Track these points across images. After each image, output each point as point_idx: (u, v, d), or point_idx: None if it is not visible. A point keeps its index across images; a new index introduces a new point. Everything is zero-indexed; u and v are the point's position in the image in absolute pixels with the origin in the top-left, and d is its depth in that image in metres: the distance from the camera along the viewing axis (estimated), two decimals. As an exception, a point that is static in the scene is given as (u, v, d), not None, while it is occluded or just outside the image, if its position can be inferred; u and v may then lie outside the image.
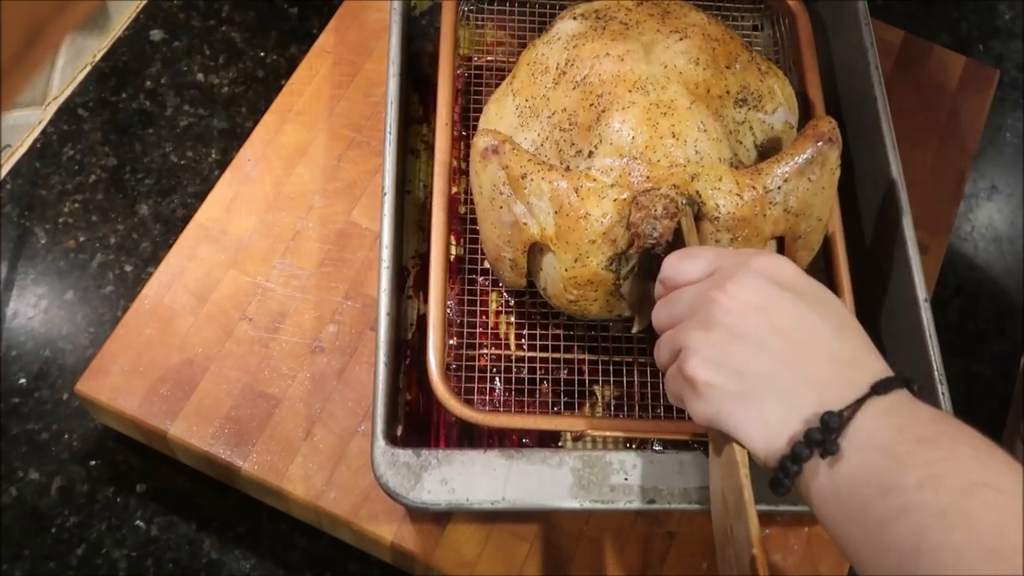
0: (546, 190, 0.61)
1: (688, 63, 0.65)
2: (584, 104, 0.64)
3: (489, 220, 0.64)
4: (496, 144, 0.62)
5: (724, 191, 0.61)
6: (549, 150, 0.65)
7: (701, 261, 0.54)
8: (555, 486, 0.59)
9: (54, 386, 0.72)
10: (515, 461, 0.59)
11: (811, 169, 0.62)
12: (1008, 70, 0.96)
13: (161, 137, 0.82)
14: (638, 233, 0.60)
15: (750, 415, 0.49)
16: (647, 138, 0.62)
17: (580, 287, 0.63)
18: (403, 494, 0.58)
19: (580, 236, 0.61)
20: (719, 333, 0.50)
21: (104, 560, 0.67)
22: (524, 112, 0.68)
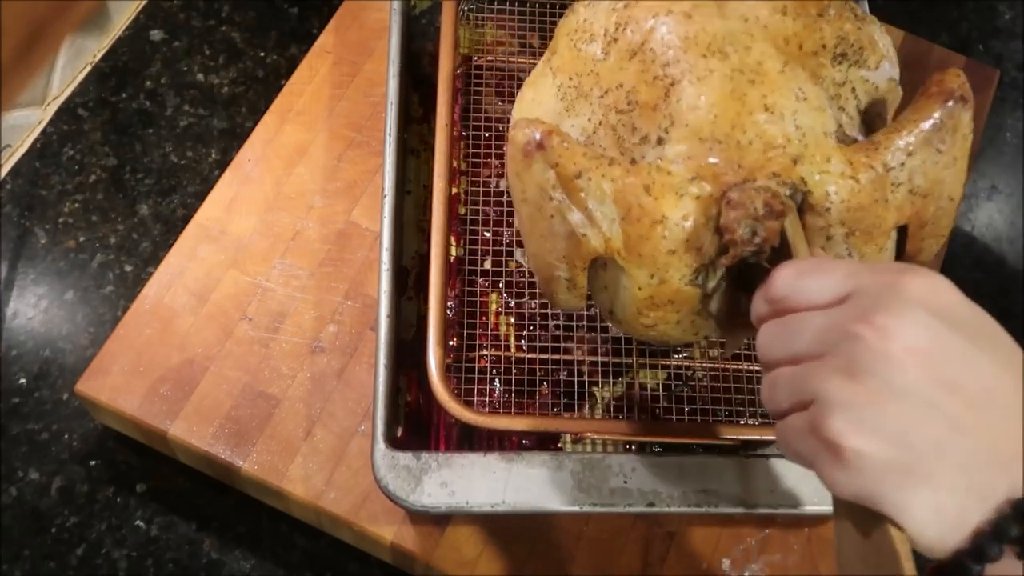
0: (609, 191, 0.49)
1: (773, 13, 0.52)
2: (646, 77, 0.51)
3: (537, 232, 0.51)
4: (540, 137, 0.49)
5: (835, 175, 0.49)
6: (605, 138, 0.52)
7: (831, 279, 0.42)
8: (555, 489, 0.59)
9: (54, 386, 0.72)
10: (515, 464, 0.59)
11: (940, 137, 0.49)
12: (1008, 70, 0.96)
13: (161, 137, 0.82)
14: (734, 240, 0.48)
15: (918, 497, 0.38)
16: (733, 115, 0.49)
17: (659, 308, 0.51)
18: (403, 497, 0.58)
19: (656, 246, 0.49)
20: (872, 386, 0.38)
21: (104, 560, 0.67)
22: (568, 94, 0.55)
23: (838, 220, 0.49)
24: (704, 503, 0.60)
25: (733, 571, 0.66)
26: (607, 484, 0.60)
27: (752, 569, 0.66)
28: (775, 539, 0.67)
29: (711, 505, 0.60)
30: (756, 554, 0.67)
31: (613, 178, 0.49)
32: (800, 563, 0.67)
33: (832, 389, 0.39)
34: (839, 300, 0.41)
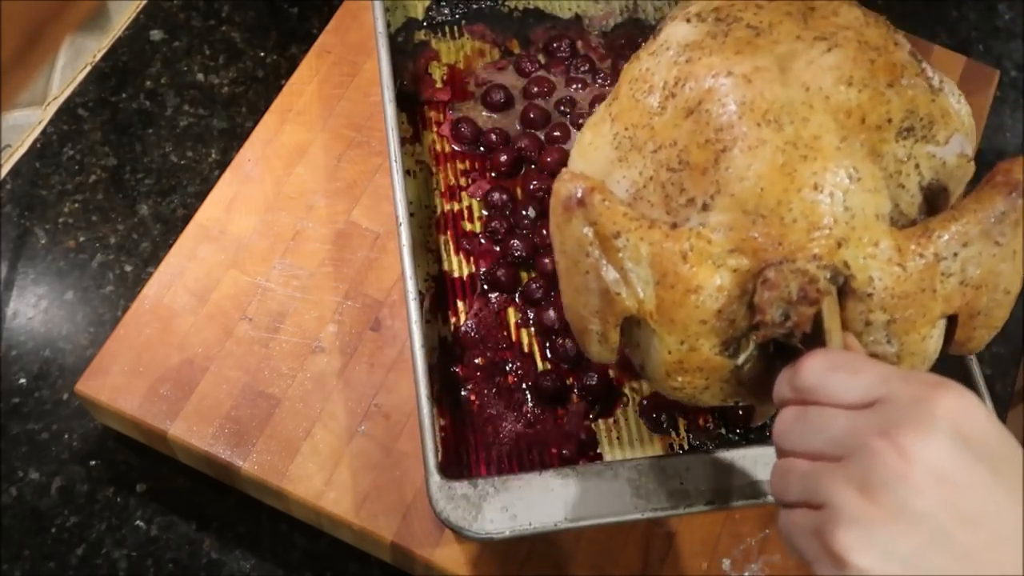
0: (645, 254, 0.49)
1: (838, 84, 0.49)
2: (699, 139, 0.50)
3: (573, 285, 0.52)
4: (582, 194, 0.49)
5: (881, 260, 0.47)
6: (653, 194, 0.52)
7: (861, 380, 0.41)
8: (614, 499, 0.59)
9: (54, 386, 0.72)
10: (571, 479, 0.59)
11: (1000, 230, 0.47)
12: (1008, 70, 0.96)
13: (161, 137, 0.82)
14: (765, 321, 0.47)
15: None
16: (780, 190, 0.48)
17: (687, 373, 0.51)
18: (466, 527, 0.57)
19: (688, 315, 0.49)
20: (887, 507, 0.38)
21: (104, 560, 0.67)
22: (623, 144, 0.54)
23: (880, 306, 0.48)
24: (760, 494, 0.59)
25: (733, 571, 0.66)
26: (664, 488, 0.59)
27: (752, 569, 0.66)
28: (775, 539, 0.67)
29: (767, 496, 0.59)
30: (756, 554, 0.67)
31: (652, 241, 0.49)
32: (800, 563, 0.67)
33: (846, 501, 0.38)
34: (866, 404, 0.40)
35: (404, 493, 0.65)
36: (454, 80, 0.81)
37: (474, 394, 0.69)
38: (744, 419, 0.69)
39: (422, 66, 0.82)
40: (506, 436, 0.68)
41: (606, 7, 0.86)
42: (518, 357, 0.70)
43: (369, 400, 0.68)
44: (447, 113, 0.79)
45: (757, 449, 0.61)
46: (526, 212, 0.74)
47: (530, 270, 0.73)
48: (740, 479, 0.60)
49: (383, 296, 0.72)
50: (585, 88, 0.81)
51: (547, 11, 0.85)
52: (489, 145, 0.78)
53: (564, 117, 0.80)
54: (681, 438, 0.69)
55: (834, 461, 0.40)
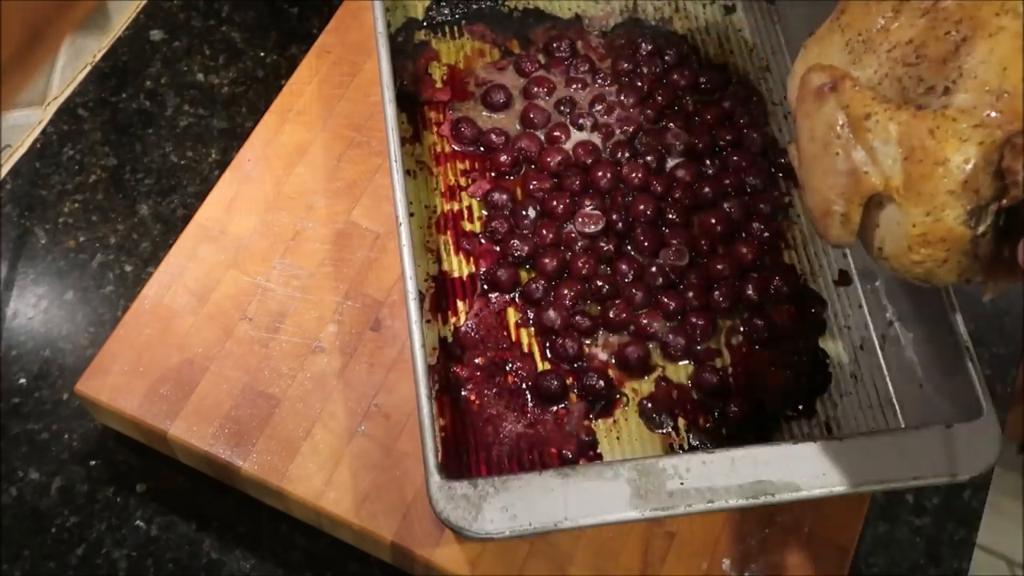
0: (894, 132, 0.52)
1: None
2: (936, 33, 0.54)
3: (820, 168, 0.55)
4: (834, 81, 0.54)
5: None
6: (889, 88, 0.55)
7: None
8: (614, 499, 0.59)
9: (54, 386, 0.72)
10: (571, 479, 0.59)
11: None
12: (1008, 70, 0.96)
13: (161, 137, 0.82)
14: (1016, 180, 0.50)
15: None
16: (1022, 68, 0.50)
17: (930, 245, 0.53)
18: (466, 527, 0.57)
19: (936, 186, 0.52)
20: None
21: (104, 560, 0.67)
22: (856, 48, 0.57)
23: None
24: (761, 494, 0.59)
25: (733, 571, 0.66)
26: (665, 487, 0.59)
27: (752, 569, 0.66)
28: (775, 539, 0.67)
29: (768, 495, 0.59)
30: (756, 554, 0.67)
31: (900, 121, 0.52)
32: (800, 563, 0.67)
33: None
34: None
35: (404, 493, 0.65)
36: (454, 80, 0.81)
37: (474, 394, 0.69)
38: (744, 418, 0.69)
39: (422, 66, 0.82)
40: (506, 436, 0.68)
41: (606, 7, 0.86)
42: (518, 357, 0.70)
43: (369, 400, 0.68)
44: (447, 113, 0.79)
45: (757, 449, 0.61)
46: (526, 212, 0.74)
47: (530, 270, 0.73)
48: (740, 479, 0.60)
49: (383, 296, 0.72)
50: (585, 88, 0.81)
51: (547, 11, 0.85)
52: (489, 145, 0.78)
53: (564, 117, 0.80)
54: (681, 438, 0.69)
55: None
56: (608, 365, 0.71)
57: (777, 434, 0.69)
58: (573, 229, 0.74)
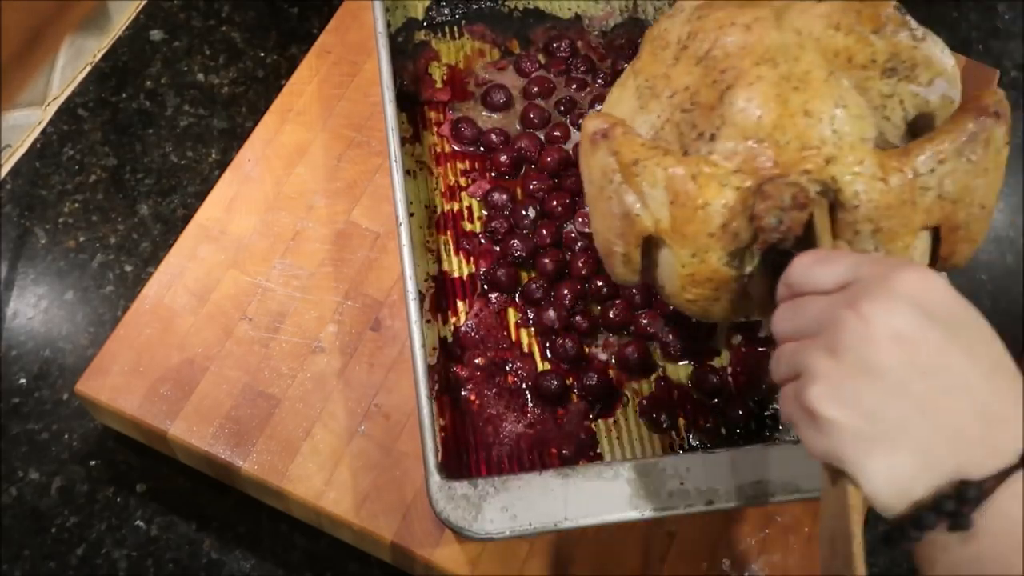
0: (660, 177, 0.55)
1: (827, 28, 0.56)
2: (706, 81, 0.57)
3: (599, 211, 0.58)
4: (606, 128, 0.56)
5: (866, 176, 0.53)
6: (670, 133, 0.58)
7: (836, 268, 0.46)
8: (614, 499, 0.59)
9: (54, 386, 0.72)
10: (571, 479, 0.59)
11: (971, 148, 0.53)
12: (1008, 70, 0.96)
13: (161, 137, 0.82)
14: (762, 227, 0.54)
15: (877, 463, 0.42)
16: (775, 117, 0.54)
17: (699, 285, 0.57)
18: (465, 527, 0.57)
19: (697, 228, 0.55)
20: (849, 363, 0.43)
21: (104, 560, 0.67)
22: (644, 93, 0.60)
23: (866, 217, 0.53)
24: (761, 494, 0.59)
25: (733, 571, 0.66)
26: (664, 487, 0.59)
27: (752, 569, 0.66)
28: (775, 539, 0.67)
29: (767, 495, 0.60)
30: (756, 554, 0.67)
31: (666, 166, 0.55)
32: (800, 563, 0.67)
33: (815, 363, 0.44)
34: (840, 287, 0.45)
35: (404, 493, 0.65)
36: (454, 80, 0.81)
37: (474, 394, 0.69)
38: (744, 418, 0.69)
39: (422, 66, 0.82)
40: (506, 436, 0.68)
41: (606, 7, 0.86)
42: (518, 357, 0.70)
43: (369, 400, 0.68)
44: (447, 113, 0.79)
45: (757, 449, 0.61)
46: (526, 212, 0.74)
47: (530, 270, 0.73)
48: (740, 479, 0.60)
49: (383, 296, 0.72)
50: (585, 88, 0.81)
51: (547, 11, 0.85)
52: (489, 145, 0.78)
53: (564, 117, 0.79)
54: (681, 438, 0.69)
55: (812, 338, 0.45)
56: (608, 365, 0.71)
57: (777, 434, 0.69)
58: (573, 229, 0.74)
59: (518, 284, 0.73)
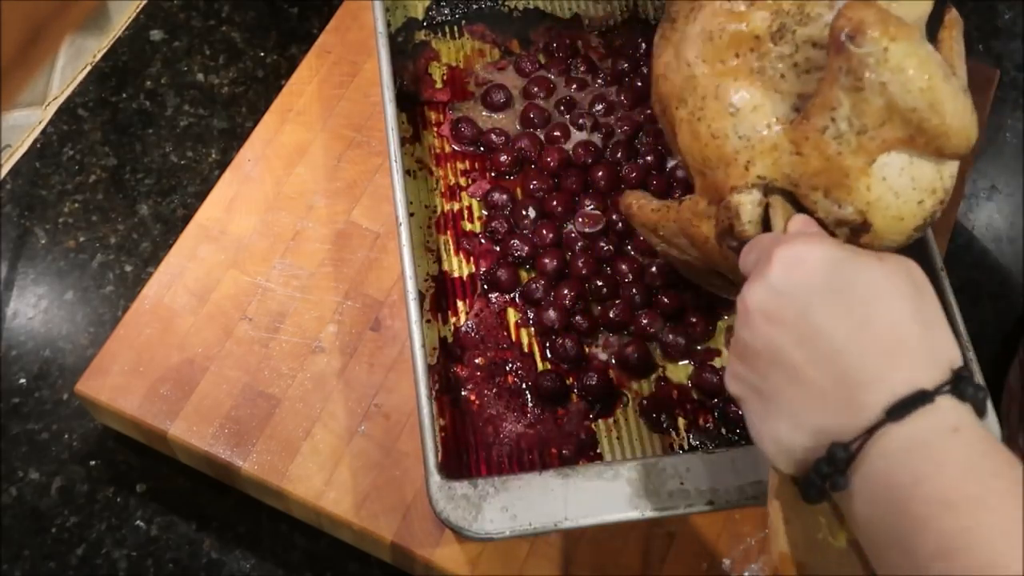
0: (676, 229, 0.63)
1: (705, 43, 0.58)
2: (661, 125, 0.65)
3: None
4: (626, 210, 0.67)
5: (784, 159, 0.55)
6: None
7: (751, 256, 0.52)
8: (614, 499, 0.59)
9: (54, 386, 0.72)
10: (571, 479, 0.59)
11: (853, 80, 0.51)
12: (1008, 70, 0.96)
13: (161, 137, 0.82)
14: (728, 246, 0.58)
15: (764, 431, 0.47)
16: (699, 150, 0.58)
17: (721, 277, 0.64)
18: (465, 527, 0.57)
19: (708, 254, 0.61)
20: (738, 347, 0.48)
21: (104, 560, 0.67)
22: None
23: (810, 188, 0.55)
24: (761, 494, 0.59)
25: (733, 571, 0.66)
26: (665, 487, 0.59)
27: (752, 569, 0.66)
28: (775, 539, 0.67)
29: None
30: (756, 554, 0.67)
31: (673, 219, 0.63)
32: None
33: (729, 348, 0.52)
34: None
35: (404, 493, 0.65)
36: (454, 80, 0.81)
37: (474, 394, 0.69)
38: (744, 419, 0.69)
39: (422, 66, 0.82)
40: (506, 436, 0.68)
41: (606, 7, 0.86)
42: (518, 357, 0.70)
43: (369, 400, 0.68)
44: (447, 113, 0.79)
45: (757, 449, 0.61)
46: (526, 212, 0.74)
47: (530, 270, 0.73)
48: (740, 479, 0.60)
49: (383, 296, 0.72)
50: (585, 88, 0.81)
51: (547, 11, 0.85)
52: (489, 145, 0.78)
53: (564, 117, 0.79)
54: (681, 438, 0.69)
55: None
56: (608, 365, 0.71)
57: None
58: (573, 229, 0.74)
59: (518, 284, 0.73)
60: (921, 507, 0.39)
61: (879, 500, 0.41)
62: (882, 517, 0.41)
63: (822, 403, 0.44)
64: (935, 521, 0.39)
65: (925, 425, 0.41)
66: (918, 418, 0.41)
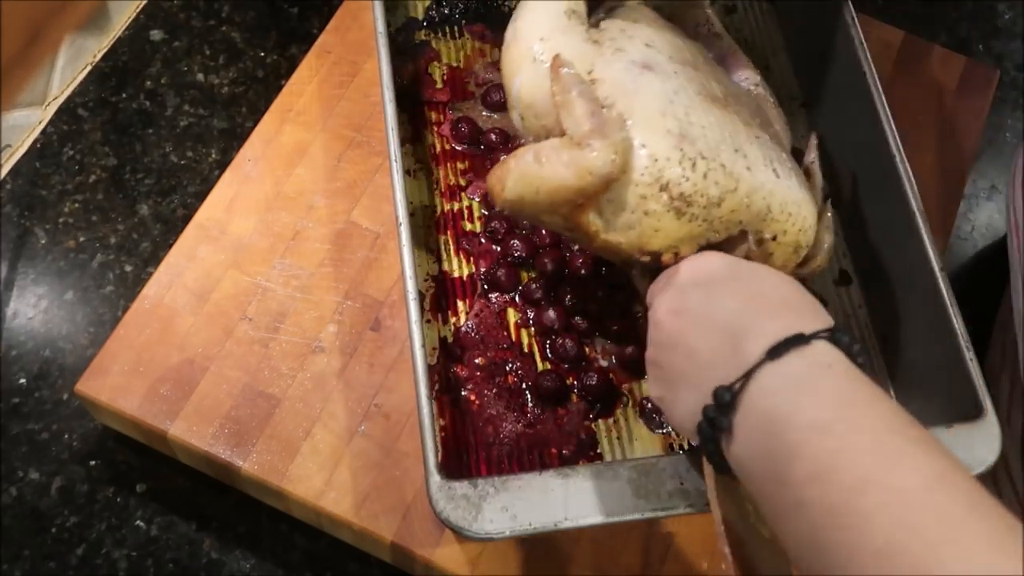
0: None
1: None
2: None
3: None
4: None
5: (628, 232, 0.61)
6: None
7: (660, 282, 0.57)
8: (614, 499, 0.59)
9: (54, 386, 0.72)
10: (571, 479, 0.59)
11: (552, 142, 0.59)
12: (1008, 70, 0.96)
13: (161, 137, 0.82)
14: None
15: (674, 411, 0.52)
16: None
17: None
18: (465, 527, 0.57)
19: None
20: (651, 350, 0.54)
21: (104, 560, 0.67)
22: None
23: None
24: None
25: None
26: (664, 488, 0.59)
27: (752, 569, 0.66)
28: (775, 539, 0.67)
29: None
30: (756, 554, 0.67)
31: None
32: (800, 563, 0.67)
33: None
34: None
35: (404, 493, 0.65)
36: (454, 80, 0.81)
37: (474, 394, 0.69)
38: None
39: (422, 66, 0.82)
40: (506, 436, 0.68)
41: (606, 7, 0.86)
42: (518, 357, 0.70)
43: (369, 400, 0.68)
44: (447, 113, 0.79)
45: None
46: (526, 212, 0.74)
47: (530, 270, 0.73)
48: (740, 479, 0.60)
49: (383, 296, 0.72)
50: (585, 88, 0.81)
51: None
52: (489, 145, 0.78)
53: (564, 117, 0.79)
54: (681, 438, 0.69)
55: None
56: (608, 365, 0.71)
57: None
58: (573, 229, 0.74)
59: (518, 284, 0.73)
60: (795, 434, 0.42)
61: (758, 437, 0.45)
62: (761, 452, 0.44)
63: (713, 363, 0.48)
64: (807, 446, 0.42)
65: (801, 363, 0.45)
66: (794, 357, 0.45)
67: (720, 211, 0.59)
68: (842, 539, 0.40)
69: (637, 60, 0.62)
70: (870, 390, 0.44)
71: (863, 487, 0.40)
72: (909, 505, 0.39)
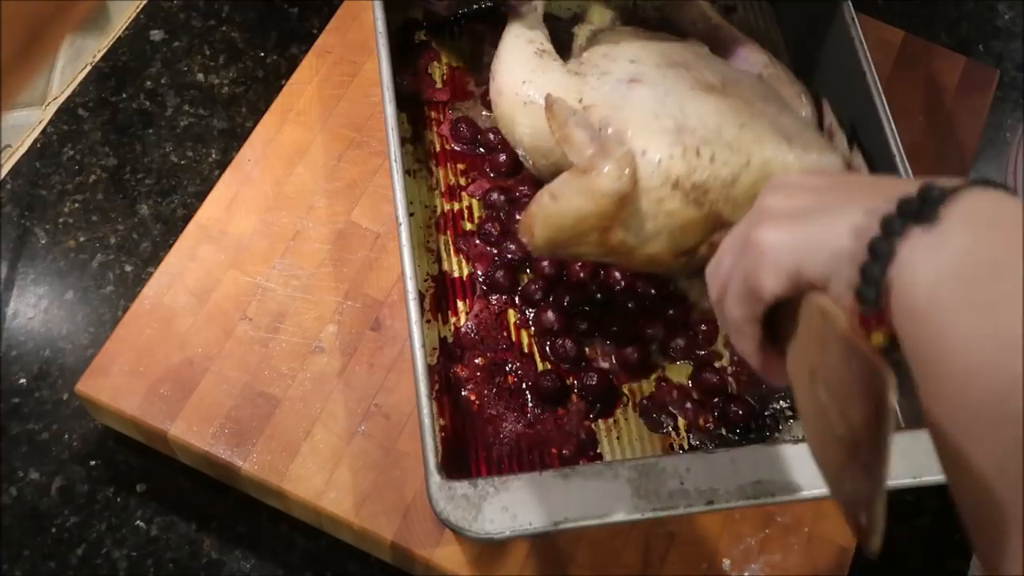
0: None
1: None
2: None
3: None
4: None
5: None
6: None
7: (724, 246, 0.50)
8: (614, 499, 0.59)
9: (54, 386, 0.72)
10: (571, 479, 0.59)
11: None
12: (1008, 70, 0.96)
13: (161, 137, 0.82)
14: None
15: (829, 221, 0.43)
16: None
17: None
18: (465, 527, 0.57)
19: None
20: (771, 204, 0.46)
21: (104, 560, 0.67)
22: None
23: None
24: (761, 494, 0.59)
25: (733, 571, 0.66)
26: (664, 487, 0.59)
27: (752, 569, 0.66)
28: (775, 539, 0.67)
29: (767, 496, 0.59)
30: (756, 554, 0.67)
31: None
32: (800, 563, 0.67)
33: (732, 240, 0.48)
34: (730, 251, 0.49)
35: (404, 493, 0.65)
36: (454, 80, 0.81)
37: (474, 394, 0.69)
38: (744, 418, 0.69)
39: (422, 66, 0.82)
40: (506, 436, 0.68)
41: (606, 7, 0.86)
42: (518, 357, 0.70)
43: (369, 400, 0.68)
44: (447, 113, 0.79)
45: (757, 449, 0.61)
46: (523, 214, 0.74)
47: (529, 271, 0.73)
48: (740, 479, 0.60)
49: (383, 296, 0.72)
50: (585, 88, 0.81)
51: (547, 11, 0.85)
52: (489, 145, 0.78)
53: (564, 117, 0.79)
54: (681, 438, 0.69)
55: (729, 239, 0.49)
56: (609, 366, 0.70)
57: (777, 434, 0.69)
58: (573, 229, 0.74)
59: (517, 285, 0.72)
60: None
61: (975, 231, 0.38)
62: (981, 243, 0.38)
63: (877, 184, 0.43)
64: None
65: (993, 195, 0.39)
66: (979, 191, 0.39)
67: (738, 189, 0.59)
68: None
69: (624, 77, 0.64)
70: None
71: None
72: None
